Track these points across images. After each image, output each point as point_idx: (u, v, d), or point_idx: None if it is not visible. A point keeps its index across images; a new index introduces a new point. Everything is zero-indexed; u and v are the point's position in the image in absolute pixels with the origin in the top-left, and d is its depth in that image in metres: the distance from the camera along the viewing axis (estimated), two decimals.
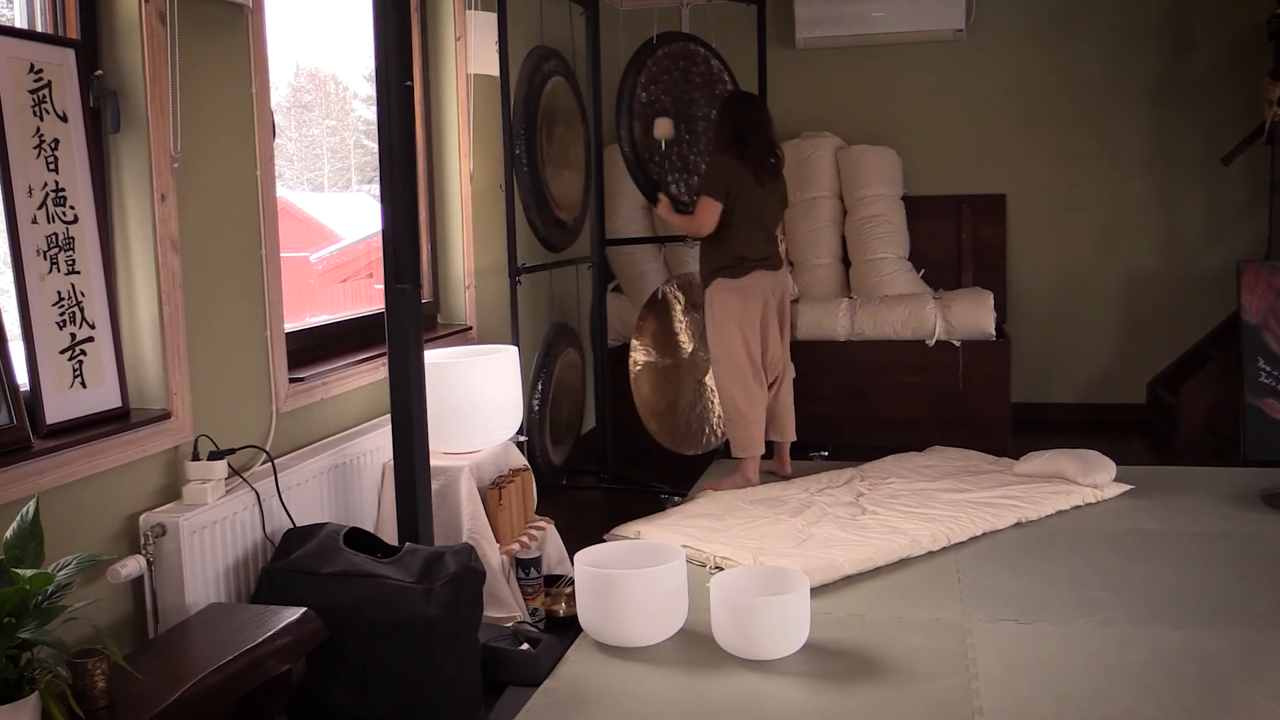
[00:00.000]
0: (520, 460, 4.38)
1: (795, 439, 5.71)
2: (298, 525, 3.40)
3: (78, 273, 2.92)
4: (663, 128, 5.87)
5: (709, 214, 5.28)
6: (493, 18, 4.99)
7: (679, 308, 6.19)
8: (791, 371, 5.75)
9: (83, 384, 2.92)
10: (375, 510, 3.99)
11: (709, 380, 6.18)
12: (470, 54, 5.08)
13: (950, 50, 7.13)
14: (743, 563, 4.24)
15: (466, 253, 5.16)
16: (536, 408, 5.32)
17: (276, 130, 3.70)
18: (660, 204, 5.72)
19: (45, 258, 2.83)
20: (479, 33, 5.07)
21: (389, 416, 3.54)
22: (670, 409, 6.12)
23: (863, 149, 7.04)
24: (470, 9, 5.07)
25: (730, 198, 5.26)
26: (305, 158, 4.66)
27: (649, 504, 5.32)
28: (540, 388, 5.37)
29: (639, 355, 6.05)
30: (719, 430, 6.11)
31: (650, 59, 5.94)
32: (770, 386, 5.58)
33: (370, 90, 4.77)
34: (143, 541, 2.95)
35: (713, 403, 6.20)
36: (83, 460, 2.81)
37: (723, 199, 5.26)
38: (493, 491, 4.02)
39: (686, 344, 6.18)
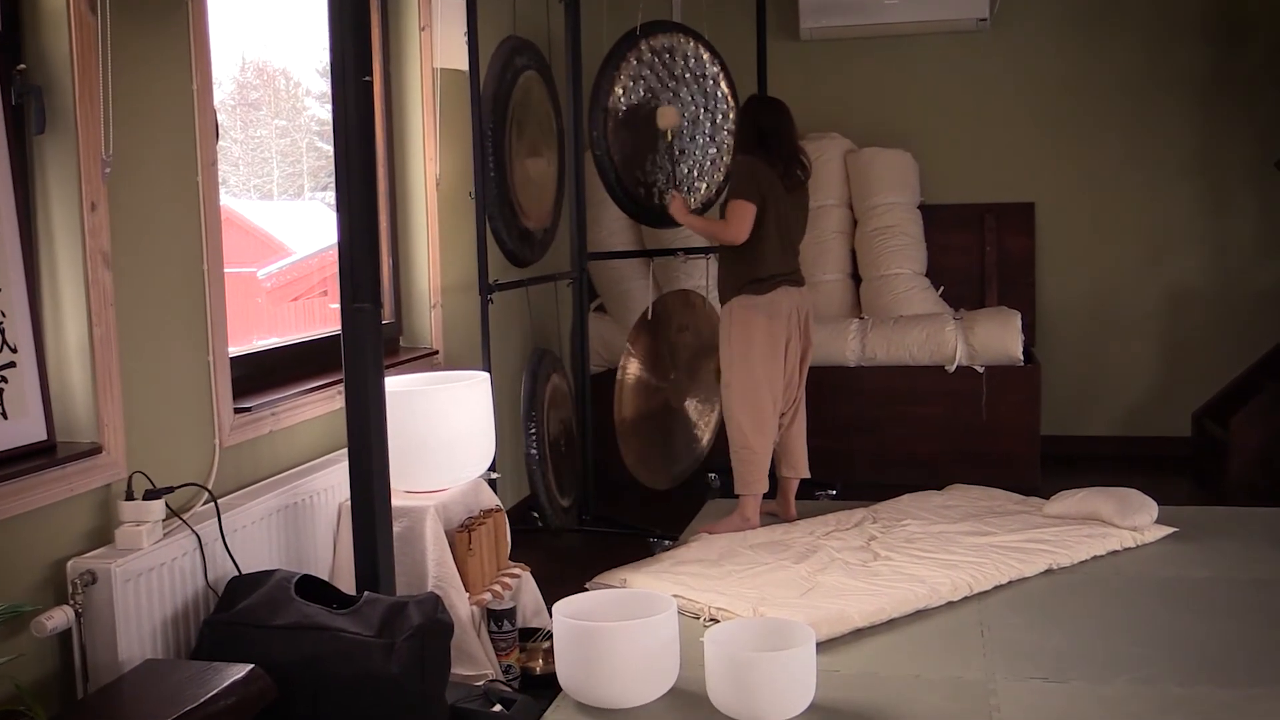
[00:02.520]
0: (492, 500, 4.40)
1: (809, 475, 5.73)
2: (244, 572, 3.42)
3: None
4: (667, 117, 5.82)
5: (744, 218, 5.29)
6: (461, 5, 5.03)
7: (670, 327, 6.23)
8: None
9: (3, 414, 2.94)
10: (330, 556, 4.00)
11: (689, 407, 6.22)
12: (436, 46, 5.12)
13: (972, 42, 7.19)
14: (741, 614, 4.27)
15: (432, 268, 5.18)
16: (534, 449, 5.33)
17: (220, 131, 3.73)
18: (673, 204, 5.67)
19: None
20: (446, 22, 5.11)
21: (345, 451, 3.56)
22: (655, 439, 6.15)
23: (874, 152, 7.09)
24: None
25: (760, 202, 5.31)
26: (252, 162, 4.69)
27: (636, 548, 5.34)
28: (534, 428, 5.37)
29: (631, 370, 6.08)
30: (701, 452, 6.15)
31: (632, 52, 5.97)
32: (783, 416, 5.61)
33: (325, 86, 4.81)
34: (70, 590, 2.97)
35: (701, 435, 6.25)
36: (3, 500, 2.82)
37: (757, 200, 5.29)
38: (461, 535, 4.03)
39: (674, 370, 6.22)
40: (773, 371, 5.44)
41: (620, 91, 5.94)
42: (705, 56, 6.18)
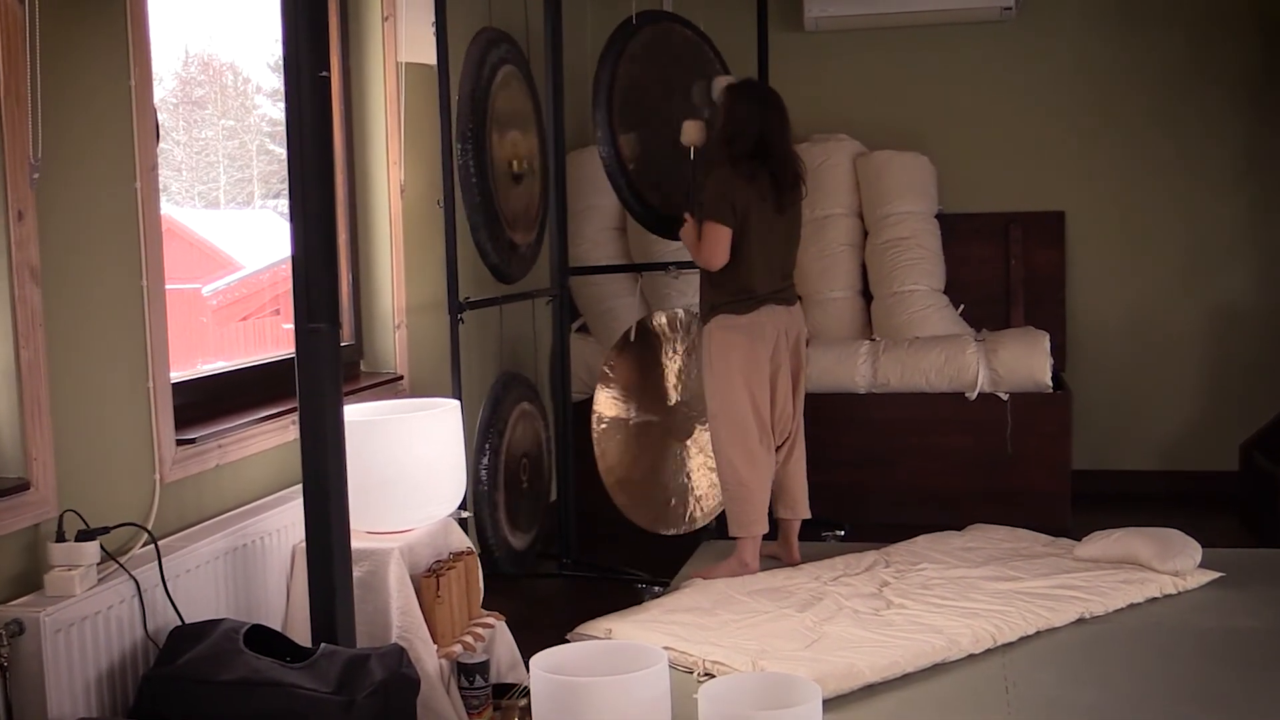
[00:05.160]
0: (463, 541, 4.42)
1: (809, 515, 5.75)
2: (187, 622, 3.42)
3: None
4: (692, 132, 5.83)
5: (718, 243, 5.31)
6: None
7: (664, 348, 6.25)
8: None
9: None
10: (283, 604, 4.02)
11: (691, 442, 6.23)
12: (401, 38, 5.15)
13: (997, 33, 7.24)
14: (739, 669, 4.28)
15: (397, 284, 5.21)
16: (485, 478, 5.34)
17: (161, 133, 3.76)
18: (686, 228, 5.63)
19: None
20: (412, 12, 5.14)
21: (300, 487, 3.57)
22: (645, 477, 6.16)
23: (888, 155, 7.13)
24: None
25: (738, 219, 5.34)
26: (196, 166, 4.71)
27: (622, 595, 5.36)
28: (488, 456, 5.39)
29: (604, 409, 6.09)
30: (706, 505, 6.17)
31: (632, 42, 6.01)
32: (779, 449, 5.62)
33: (277, 83, 4.84)
34: None
35: (695, 472, 6.26)
36: None
37: (732, 223, 5.31)
38: (429, 580, 4.05)
39: (671, 395, 6.24)
40: (761, 399, 5.46)
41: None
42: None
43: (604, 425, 6.12)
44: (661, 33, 6.15)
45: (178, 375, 3.90)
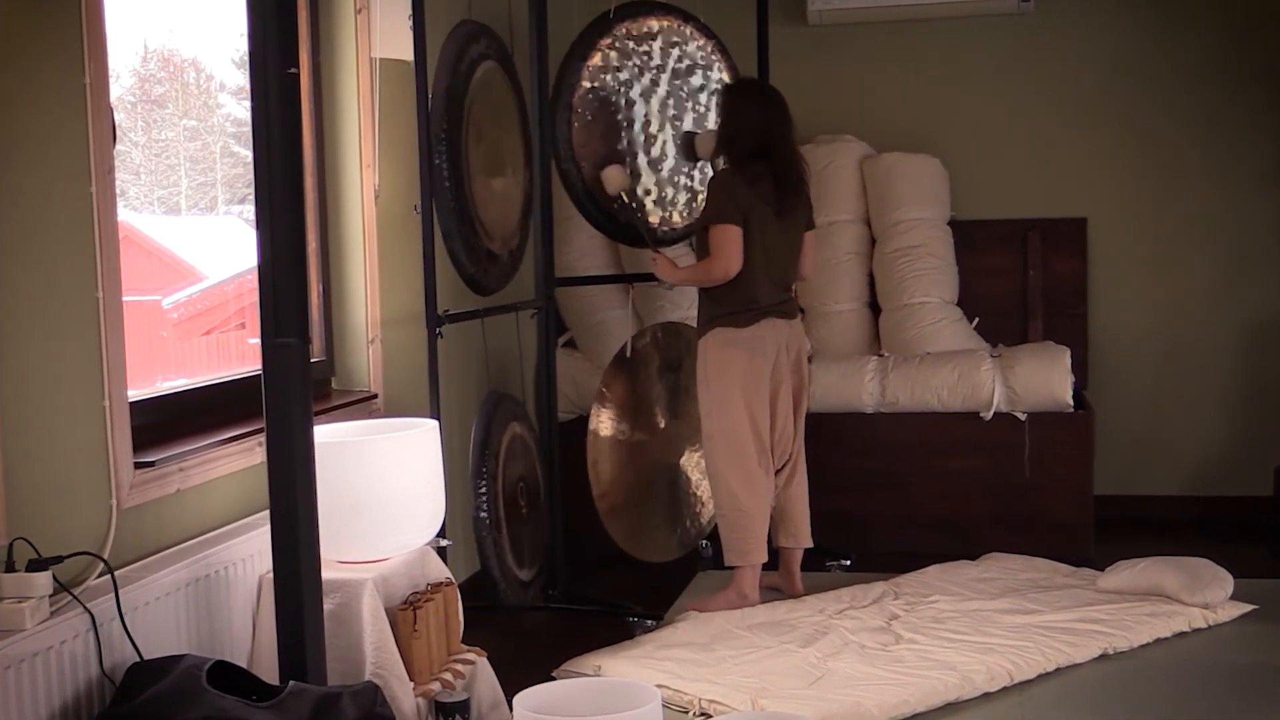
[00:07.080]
0: (441, 571, 4.42)
1: (811, 544, 5.75)
2: (146, 658, 3.43)
3: None
4: (614, 180, 5.89)
5: (730, 245, 5.33)
6: None
7: (653, 367, 6.26)
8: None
9: None
10: (249, 638, 4.02)
11: (684, 462, 6.24)
12: (375, 32, 5.17)
13: (1014, 28, 7.25)
14: (738, 708, 4.29)
15: (370, 296, 5.21)
16: (485, 508, 5.33)
17: (118, 133, 3.76)
18: (659, 265, 5.73)
19: None
20: (387, 4, 5.16)
21: (267, 514, 3.58)
22: (638, 502, 6.17)
23: (897, 158, 7.13)
24: None
25: (743, 222, 5.36)
26: (156, 170, 4.72)
27: (613, 629, 5.36)
28: (485, 485, 5.38)
29: (599, 429, 6.09)
30: (703, 525, 6.19)
31: (604, 39, 6.02)
32: (778, 473, 5.64)
33: (242, 80, 4.85)
34: None
35: (693, 493, 6.27)
36: None
37: (740, 222, 5.33)
38: (405, 613, 4.05)
39: (659, 417, 6.25)
40: (761, 418, 5.47)
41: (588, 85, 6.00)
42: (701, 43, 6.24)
43: (598, 447, 6.12)
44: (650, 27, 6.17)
45: (136, 393, 3.90)
